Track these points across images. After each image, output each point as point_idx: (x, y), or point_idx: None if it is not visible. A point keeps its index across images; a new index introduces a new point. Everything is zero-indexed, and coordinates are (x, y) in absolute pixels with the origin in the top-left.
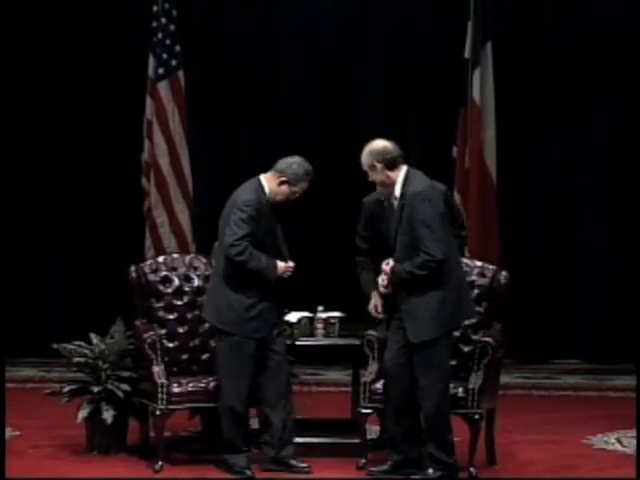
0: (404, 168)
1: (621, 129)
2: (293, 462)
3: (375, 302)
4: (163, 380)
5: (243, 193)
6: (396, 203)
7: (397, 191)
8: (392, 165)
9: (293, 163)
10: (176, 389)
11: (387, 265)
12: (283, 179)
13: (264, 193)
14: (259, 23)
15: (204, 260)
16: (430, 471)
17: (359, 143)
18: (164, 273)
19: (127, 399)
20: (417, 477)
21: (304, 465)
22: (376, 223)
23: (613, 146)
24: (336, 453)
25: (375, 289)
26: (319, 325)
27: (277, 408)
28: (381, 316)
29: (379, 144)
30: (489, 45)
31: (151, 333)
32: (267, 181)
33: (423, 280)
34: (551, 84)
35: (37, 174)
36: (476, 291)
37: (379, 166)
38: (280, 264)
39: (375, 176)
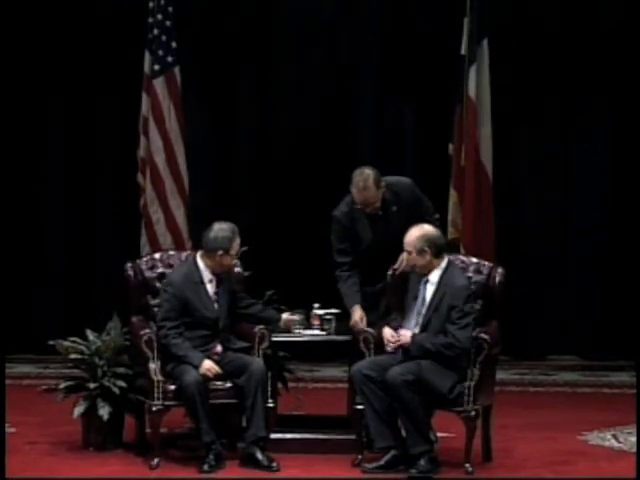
0: (446, 258)
1: (620, 127)
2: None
3: (360, 315)
4: (159, 377)
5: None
6: (431, 288)
7: (434, 276)
8: (439, 253)
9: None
10: (172, 386)
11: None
12: (220, 253)
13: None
14: (255, 19)
15: None
16: (422, 462)
17: (356, 141)
18: (160, 270)
19: (123, 396)
20: (412, 472)
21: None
22: (350, 234)
23: (611, 143)
24: (331, 449)
25: (358, 303)
26: (315, 322)
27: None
28: (364, 328)
29: (432, 230)
30: (485, 42)
31: (147, 330)
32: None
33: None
34: (547, 81)
35: (34, 171)
36: (472, 288)
37: (428, 251)
38: (205, 362)
39: (418, 260)
